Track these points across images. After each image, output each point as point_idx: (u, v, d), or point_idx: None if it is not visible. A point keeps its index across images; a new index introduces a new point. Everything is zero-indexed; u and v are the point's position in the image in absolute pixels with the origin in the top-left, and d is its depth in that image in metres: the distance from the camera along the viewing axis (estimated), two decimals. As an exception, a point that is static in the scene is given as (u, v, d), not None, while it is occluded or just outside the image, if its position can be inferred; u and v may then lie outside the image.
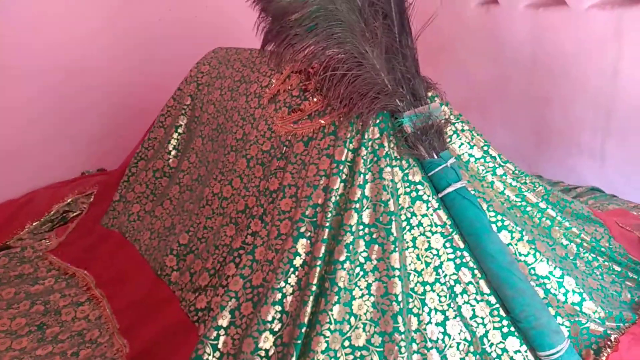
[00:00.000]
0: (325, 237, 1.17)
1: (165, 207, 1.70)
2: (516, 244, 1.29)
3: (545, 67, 2.54)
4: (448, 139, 1.35)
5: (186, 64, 2.01)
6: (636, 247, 1.61)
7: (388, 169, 1.23)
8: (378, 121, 1.27)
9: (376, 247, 1.18)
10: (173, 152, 1.82)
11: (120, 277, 1.62)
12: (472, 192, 1.28)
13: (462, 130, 1.39)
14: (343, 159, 1.24)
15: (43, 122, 2.32)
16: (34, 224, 2.01)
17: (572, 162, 2.58)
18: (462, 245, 1.23)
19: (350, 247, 1.16)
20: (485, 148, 1.41)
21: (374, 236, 1.19)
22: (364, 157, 1.23)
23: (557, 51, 2.46)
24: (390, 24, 1.25)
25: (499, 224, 1.29)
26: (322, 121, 1.32)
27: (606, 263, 1.46)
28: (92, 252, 1.79)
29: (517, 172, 1.46)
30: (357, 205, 1.19)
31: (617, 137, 2.37)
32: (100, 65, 2.41)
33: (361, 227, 1.19)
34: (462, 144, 1.37)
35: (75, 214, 2.06)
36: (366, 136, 1.25)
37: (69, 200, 2.10)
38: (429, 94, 1.34)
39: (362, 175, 1.22)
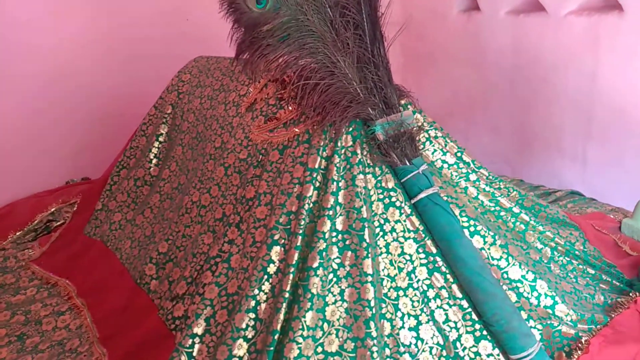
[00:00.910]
0: (298, 244, 1.18)
1: (146, 216, 1.71)
2: (489, 249, 1.31)
3: (526, 72, 2.58)
4: (421, 146, 1.37)
5: (170, 72, 2.03)
6: (611, 250, 1.64)
7: (361, 176, 1.25)
8: (351, 129, 1.29)
9: (349, 253, 1.20)
10: (154, 161, 1.83)
11: (101, 286, 1.63)
12: (445, 198, 1.30)
13: (436, 137, 1.41)
14: (316, 166, 1.25)
15: (27, 131, 2.33)
16: (17, 233, 2.02)
17: (554, 166, 2.61)
18: (434, 251, 1.25)
19: (324, 253, 1.17)
20: (459, 154, 1.43)
21: (347, 242, 1.20)
22: (337, 165, 1.25)
23: (537, 57, 2.50)
24: (361, 34, 1.27)
25: (472, 229, 1.31)
26: (297, 129, 1.34)
27: (580, 266, 1.48)
28: (75, 261, 1.79)
29: (490, 177, 1.48)
30: (330, 212, 1.21)
31: (598, 141, 2.40)
32: (86, 73, 2.42)
33: (334, 233, 1.21)
34: (435, 150, 1.39)
35: (58, 223, 2.07)
36: (339, 144, 1.27)
37: (52, 210, 2.11)
38: (402, 101, 1.36)
39: (335, 183, 1.24)
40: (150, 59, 2.53)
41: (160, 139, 1.85)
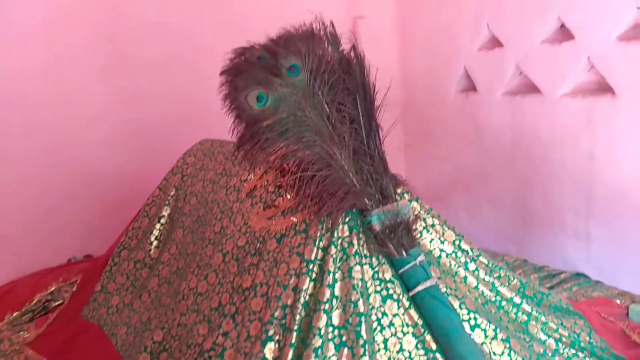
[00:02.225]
0: (293, 341, 1.16)
1: (144, 300, 1.70)
2: (490, 343, 1.27)
3: (524, 151, 2.62)
4: (418, 235, 1.37)
5: (179, 151, 2.08)
6: (619, 339, 1.58)
7: (357, 267, 1.24)
8: (347, 219, 1.30)
9: (346, 350, 1.17)
10: (155, 243, 1.84)
11: (94, 375, 1.59)
12: (444, 290, 1.29)
13: (433, 225, 1.41)
14: (313, 257, 1.25)
15: (34, 208, 2.37)
16: (14, 314, 1.99)
17: (558, 244, 2.59)
18: (434, 347, 1.22)
19: (319, 351, 1.15)
20: (457, 242, 1.43)
21: (344, 339, 1.18)
22: (334, 256, 1.25)
23: (535, 136, 2.55)
24: (357, 128, 1.31)
25: (472, 322, 1.28)
26: (294, 219, 1.35)
27: (587, 359, 1.43)
28: (70, 345, 1.76)
29: (490, 265, 1.46)
30: (327, 306, 1.19)
31: (601, 219, 2.39)
32: (90, 151, 2.49)
33: (330, 329, 1.18)
34: (432, 239, 1.39)
35: (57, 303, 2.04)
36: (336, 234, 1.27)
37: (52, 289, 2.09)
38: (399, 190, 1.37)
39: (331, 275, 1.23)
40: (159, 138, 2.61)
41: (162, 220, 1.87)
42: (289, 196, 1.42)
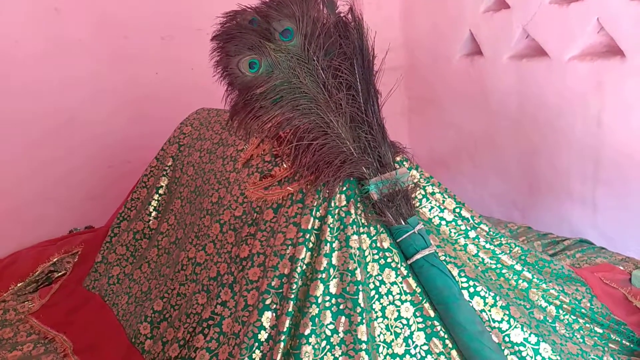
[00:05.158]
0: (290, 309, 1.16)
1: (144, 271, 1.70)
2: (489, 310, 1.26)
3: (531, 117, 2.56)
4: (417, 203, 1.35)
5: (177, 119, 2.05)
6: (621, 305, 1.57)
7: (355, 236, 1.23)
8: (345, 188, 1.27)
9: (343, 318, 1.16)
10: (153, 214, 1.83)
11: (96, 343, 1.60)
12: (443, 258, 1.27)
13: (432, 194, 1.38)
14: (310, 227, 1.24)
15: (33, 179, 2.36)
16: (19, 284, 2.01)
17: (564, 210, 2.56)
18: (432, 314, 1.21)
19: (316, 319, 1.14)
20: (457, 210, 1.41)
21: (341, 307, 1.17)
22: (331, 225, 1.23)
23: (541, 101, 2.48)
24: (354, 94, 1.27)
25: (471, 289, 1.27)
26: (291, 188, 1.33)
27: (587, 325, 1.42)
28: (73, 315, 1.78)
29: (491, 233, 1.44)
30: (324, 275, 1.18)
31: (608, 186, 2.35)
32: (91, 122, 2.46)
33: (327, 297, 1.18)
34: (432, 207, 1.37)
35: (60, 274, 2.06)
36: (333, 204, 1.25)
37: (54, 260, 2.10)
38: (398, 158, 1.34)
39: (328, 244, 1.21)
40: (159, 106, 2.57)
41: (160, 191, 1.85)
42: (285, 165, 1.39)
